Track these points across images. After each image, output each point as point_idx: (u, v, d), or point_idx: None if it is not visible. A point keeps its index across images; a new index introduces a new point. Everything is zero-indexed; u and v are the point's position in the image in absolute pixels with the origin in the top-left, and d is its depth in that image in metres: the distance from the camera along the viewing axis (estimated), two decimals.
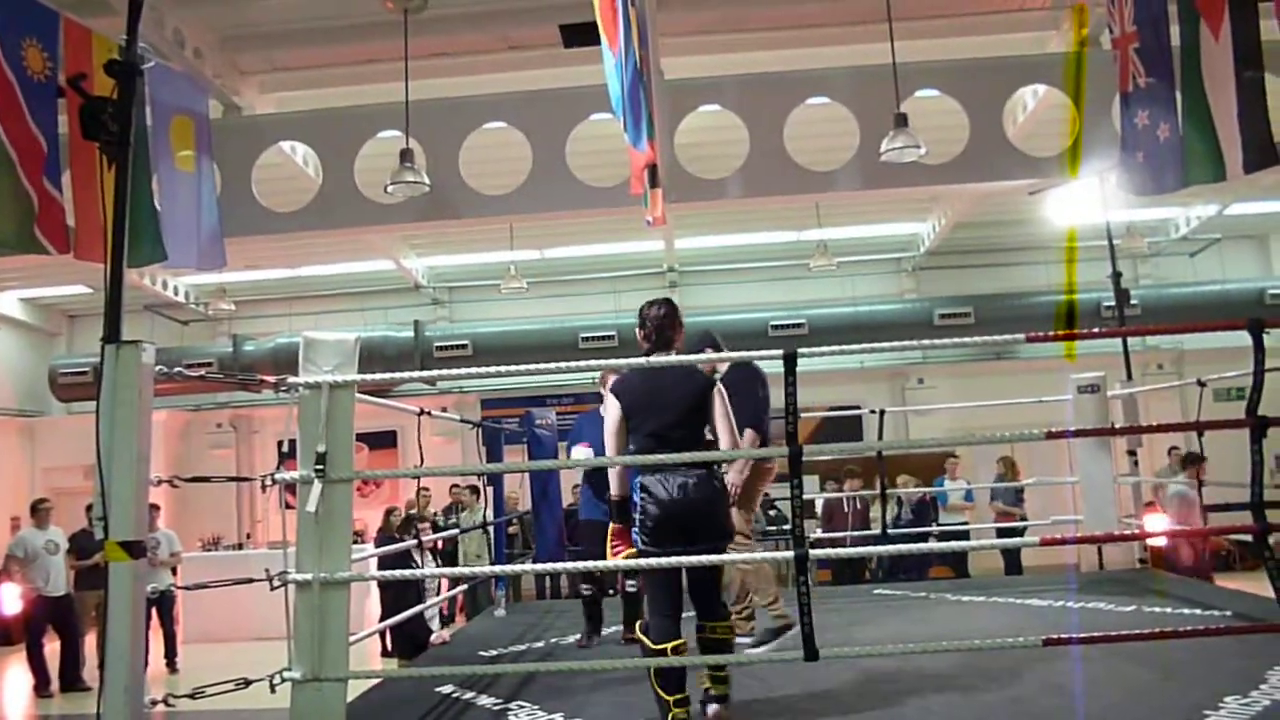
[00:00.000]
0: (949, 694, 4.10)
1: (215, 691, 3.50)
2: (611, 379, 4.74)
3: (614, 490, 3.99)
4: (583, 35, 9.14)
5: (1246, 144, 6.32)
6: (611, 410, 4.02)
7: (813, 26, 9.73)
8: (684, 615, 3.87)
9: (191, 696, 3.45)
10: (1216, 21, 6.42)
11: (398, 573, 6.00)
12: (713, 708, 3.77)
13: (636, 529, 3.86)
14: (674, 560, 3.68)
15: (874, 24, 8.72)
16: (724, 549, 3.93)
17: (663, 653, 3.70)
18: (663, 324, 4.06)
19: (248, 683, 3.59)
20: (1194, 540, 8.20)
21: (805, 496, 3.74)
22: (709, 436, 4.03)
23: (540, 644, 5.92)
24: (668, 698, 3.65)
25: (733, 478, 4.84)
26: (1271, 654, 4.33)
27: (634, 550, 3.90)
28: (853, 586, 8.46)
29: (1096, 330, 8.39)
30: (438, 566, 8.61)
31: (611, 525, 4.08)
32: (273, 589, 3.58)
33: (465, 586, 7.84)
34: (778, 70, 9.46)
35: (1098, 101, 8.75)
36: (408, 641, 6.91)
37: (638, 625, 3.94)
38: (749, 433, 5.00)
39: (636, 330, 4.14)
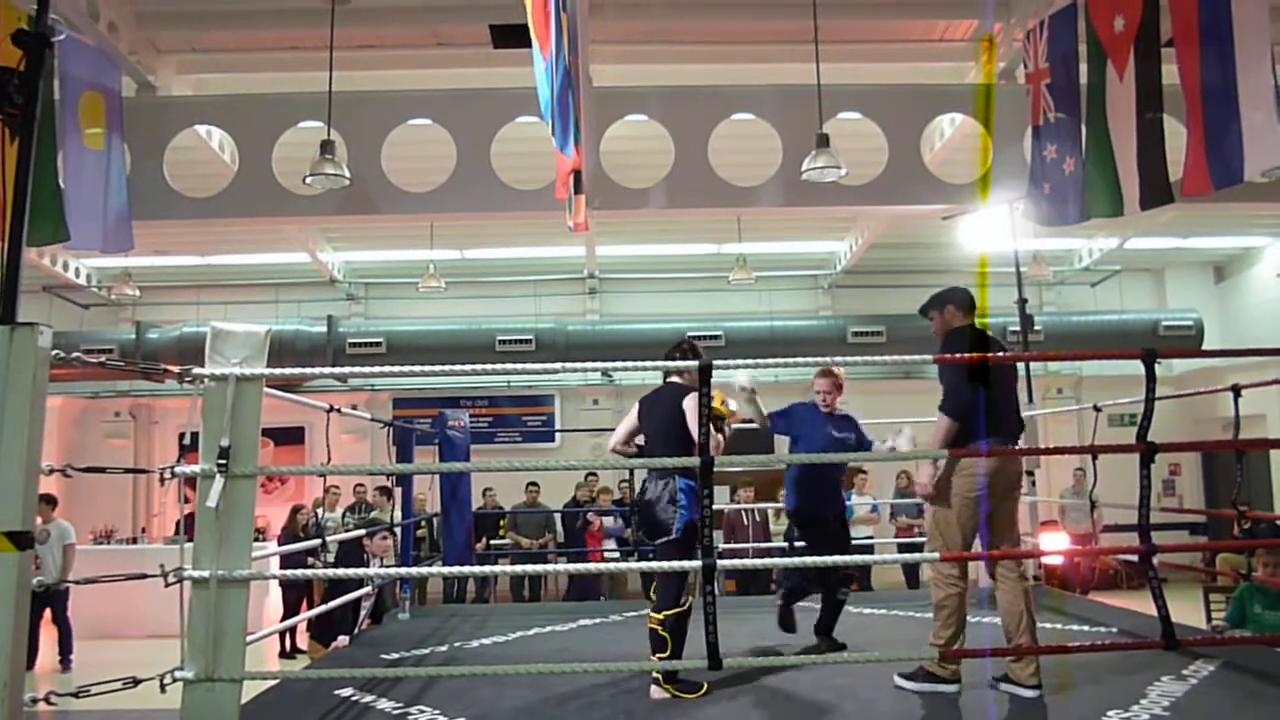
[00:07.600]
0: (846, 704, 4.19)
1: (101, 690, 3.37)
2: (822, 380, 5.51)
3: None
4: (512, 37, 9.13)
5: (1144, 182, 6.62)
6: (629, 415, 4.90)
7: (740, 43, 9.89)
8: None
9: (75, 695, 3.31)
10: (1121, 63, 6.72)
11: (297, 572, 5.88)
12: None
13: None
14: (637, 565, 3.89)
15: (800, 44, 8.86)
16: (659, 543, 4.54)
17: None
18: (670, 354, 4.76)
19: (136, 682, 3.47)
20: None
21: (715, 507, 3.78)
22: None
23: (444, 648, 5.84)
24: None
25: (923, 477, 4.48)
26: (1153, 669, 4.53)
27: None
28: (759, 597, 8.54)
29: (999, 355, 8.65)
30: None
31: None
32: (167, 585, 3.47)
33: (370, 588, 7.70)
34: (705, 84, 9.57)
35: (1009, 133, 9.06)
36: (334, 628, 6.75)
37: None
38: (944, 421, 4.34)
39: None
